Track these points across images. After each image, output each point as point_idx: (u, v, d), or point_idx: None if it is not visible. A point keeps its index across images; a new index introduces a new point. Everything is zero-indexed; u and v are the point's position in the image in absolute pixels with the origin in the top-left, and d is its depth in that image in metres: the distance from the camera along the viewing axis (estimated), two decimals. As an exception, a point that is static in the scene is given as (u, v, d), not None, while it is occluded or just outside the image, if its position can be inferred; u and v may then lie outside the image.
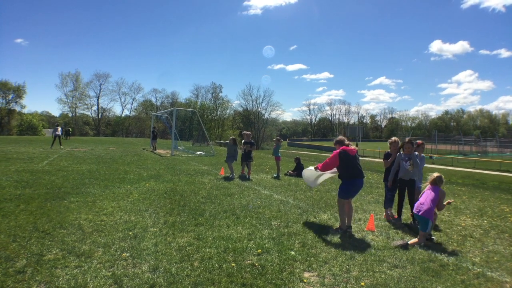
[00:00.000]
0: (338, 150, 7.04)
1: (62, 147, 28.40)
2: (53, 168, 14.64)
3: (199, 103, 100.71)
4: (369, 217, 7.51)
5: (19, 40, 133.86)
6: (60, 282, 4.30)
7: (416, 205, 6.64)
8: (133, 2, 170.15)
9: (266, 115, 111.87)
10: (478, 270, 5.25)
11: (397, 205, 7.98)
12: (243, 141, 15.44)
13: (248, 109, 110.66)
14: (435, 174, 6.71)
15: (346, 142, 7.21)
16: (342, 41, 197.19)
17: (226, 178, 13.77)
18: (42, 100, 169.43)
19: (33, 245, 5.54)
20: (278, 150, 15.77)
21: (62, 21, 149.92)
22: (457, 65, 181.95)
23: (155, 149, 29.42)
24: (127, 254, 5.29)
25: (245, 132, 16.21)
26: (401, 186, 7.85)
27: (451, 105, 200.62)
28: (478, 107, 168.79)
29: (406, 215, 8.24)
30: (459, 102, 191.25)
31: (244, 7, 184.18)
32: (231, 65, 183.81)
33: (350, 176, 7.01)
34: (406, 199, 7.89)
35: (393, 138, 8.43)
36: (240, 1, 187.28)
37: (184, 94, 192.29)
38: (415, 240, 6.29)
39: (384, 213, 8.26)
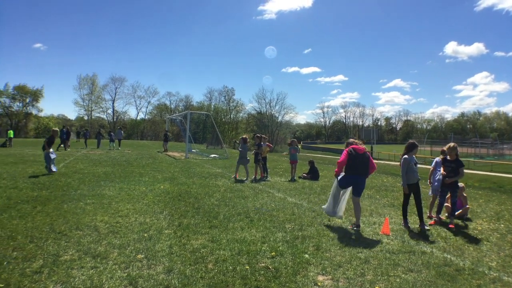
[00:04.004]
0: (347, 148, 7.67)
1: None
2: (70, 171, 14.82)
3: (212, 106, 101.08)
4: (384, 221, 7.45)
5: (38, 45, 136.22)
6: (76, 283, 4.35)
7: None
8: (150, 7, 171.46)
9: (279, 118, 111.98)
10: (495, 274, 5.17)
11: (402, 210, 7.91)
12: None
13: (262, 112, 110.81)
14: None
15: (356, 141, 7.91)
16: (356, 44, 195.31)
17: (240, 181, 13.80)
18: (58, 103, 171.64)
19: (50, 246, 5.61)
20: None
21: (79, 25, 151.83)
22: (473, 67, 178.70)
23: (167, 151, 30.50)
24: (142, 256, 5.33)
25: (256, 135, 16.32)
26: (410, 190, 7.76)
27: (467, 107, 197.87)
28: (495, 109, 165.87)
29: (413, 219, 8.13)
30: (475, 104, 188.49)
31: (259, 12, 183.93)
32: (246, 68, 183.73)
33: (351, 172, 7.50)
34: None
35: (452, 144, 8.29)
36: (255, 6, 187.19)
37: (197, 97, 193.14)
38: None
39: (435, 219, 8.23)
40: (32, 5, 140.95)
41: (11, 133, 32.84)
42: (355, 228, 7.27)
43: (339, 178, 7.69)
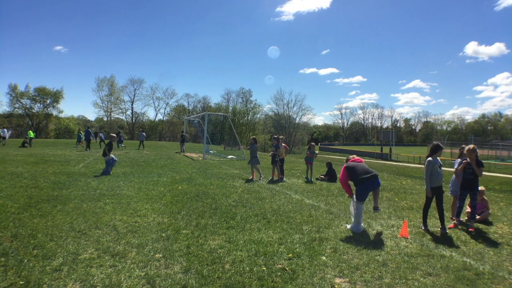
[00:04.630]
0: (342, 169, 7.78)
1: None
2: (89, 171, 15.02)
3: (230, 107, 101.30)
4: (403, 224, 7.36)
5: (58, 48, 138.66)
6: (95, 281, 4.41)
7: None
8: (169, 9, 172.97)
9: (297, 120, 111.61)
10: (517, 279, 5.07)
11: (423, 213, 7.80)
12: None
13: (279, 113, 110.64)
14: None
15: (351, 156, 8.17)
16: (375, 44, 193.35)
17: (256, 182, 13.80)
18: (78, 104, 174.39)
19: (69, 244, 5.70)
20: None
21: (99, 27, 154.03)
22: (494, 67, 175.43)
23: (184, 152, 30.77)
24: (160, 255, 5.37)
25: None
26: (433, 193, 7.65)
27: (488, 108, 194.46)
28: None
29: (431, 222, 7.99)
30: (496, 105, 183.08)
31: (277, 13, 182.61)
32: (263, 69, 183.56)
33: (361, 182, 7.41)
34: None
35: (471, 146, 8.14)
36: (272, 8, 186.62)
37: (215, 98, 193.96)
38: None
39: (454, 222, 8.12)
40: (52, 8, 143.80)
41: (31, 133, 33.48)
42: (376, 211, 7.81)
43: (354, 195, 7.58)
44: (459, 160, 8.70)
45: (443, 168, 7.82)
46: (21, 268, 4.69)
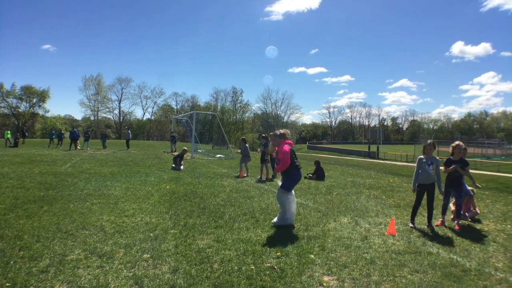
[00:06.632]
0: (287, 149, 7.30)
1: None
2: (76, 171, 14.89)
3: (218, 106, 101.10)
4: (390, 221, 7.41)
5: (46, 46, 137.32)
6: (82, 282, 4.37)
7: None
8: (157, 8, 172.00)
9: (285, 118, 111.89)
10: (501, 275, 5.13)
11: (412, 210, 7.87)
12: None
13: (267, 112, 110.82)
14: None
15: (288, 136, 7.59)
16: (363, 44, 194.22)
17: (245, 181, 13.80)
18: (66, 103, 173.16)
19: (56, 245, 5.64)
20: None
21: (88, 26, 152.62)
22: (479, 67, 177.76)
23: (175, 151, 30.59)
24: (148, 255, 5.34)
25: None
26: (420, 191, 7.72)
27: (474, 107, 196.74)
28: (501, 109, 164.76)
29: (419, 220, 8.06)
30: (481, 104, 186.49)
31: (266, 13, 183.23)
32: (252, 68, 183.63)
33: (296, 169, 7.44)
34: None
35: (456, 142, 8.17)
36: (262, 7, 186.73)
37: (203, 97, 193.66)
38: None
39: (441, 219, 8.13)
40: (41, 6, 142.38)
41: (8, 133, 33.19)
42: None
43: (284, 182, 7.44)
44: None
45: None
46: (7, 270, 4.62)
